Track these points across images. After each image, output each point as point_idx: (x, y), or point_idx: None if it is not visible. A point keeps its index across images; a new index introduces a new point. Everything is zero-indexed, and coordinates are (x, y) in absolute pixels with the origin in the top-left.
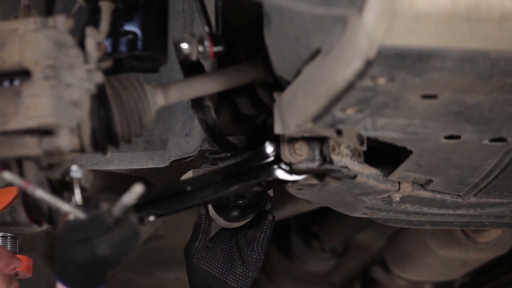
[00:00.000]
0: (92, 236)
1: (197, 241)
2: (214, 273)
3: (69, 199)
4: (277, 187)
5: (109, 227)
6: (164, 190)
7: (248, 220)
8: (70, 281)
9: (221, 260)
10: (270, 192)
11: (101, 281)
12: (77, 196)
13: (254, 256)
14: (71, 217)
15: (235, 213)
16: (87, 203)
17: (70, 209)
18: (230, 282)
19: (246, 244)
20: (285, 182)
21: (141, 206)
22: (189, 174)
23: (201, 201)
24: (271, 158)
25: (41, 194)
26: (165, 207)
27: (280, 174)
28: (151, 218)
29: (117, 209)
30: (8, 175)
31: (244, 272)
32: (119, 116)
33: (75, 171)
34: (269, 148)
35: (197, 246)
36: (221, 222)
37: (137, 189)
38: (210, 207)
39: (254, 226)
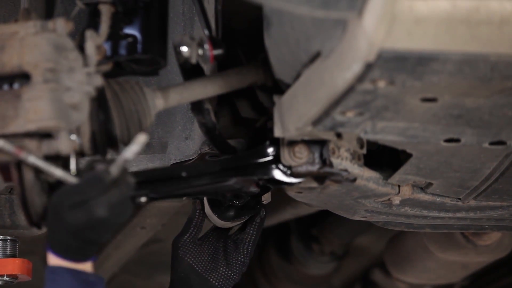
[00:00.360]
0: (89, 197)
1: (186, 234)
2: (197, 268)
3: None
4: (275, 190)
5: (106, 187)
6: (159, 173)
7: (242, 222)
8: (62, 250)
9: (206, 257)
10: (268, 198)
11: (94, 249)
12: (72, 164)
13: (239, 259)
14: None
15: (230, 213)
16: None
17: (63, 175)
18: (211, 280)
19: (233, 246)
20: (282, 183)
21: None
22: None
23: (195, 189)
24: (270, 157)
25: (34, 160)
26: (158, 190)
27: (277, 174)
28: (143, 199)
29: (115, 168)
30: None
31: (226, 273)
32: (119, 119)
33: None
34: (270, 147)
35: (185, 240)
36: (215, 220)
37: (141, 139)
38: (206, 204)
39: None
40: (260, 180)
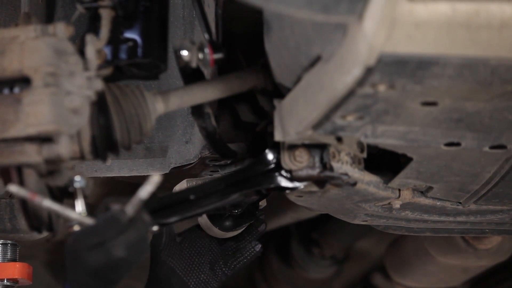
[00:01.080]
0: (107, 238)
1: (163, 235)
2: (178, 271)
3: (71, 206)
4: (275, 194)
5: (123, 227)
6: (167, 200)
7: (242, 230)
8: None
9: (187, 258)
10: (264, 203)
11: (113, 287)
12: (82, 205)
13: (225, 271)
14: (76, 228)
15: (229, 223)
16: (91, 212)
17: (79, 217)
18: (191, 286)
19: (221, 254)
20: (287, 189)
21: None
22: (182, 184)
23: (204, 209)
24: (272, 165)
25: (49, 204)
26: (169, 216)
27: (282, 181)
28: (155, 228)
29: (130, 207)
30: (14, 188)
31: (207, 281)
32: (119, 123)
33: (79, 181)
34: (270, 155)
35: (164, 241)
36: (215, 232)
37: (155, 179)
38: (204, 216)
39: (242, 239)
40: (264, 190)
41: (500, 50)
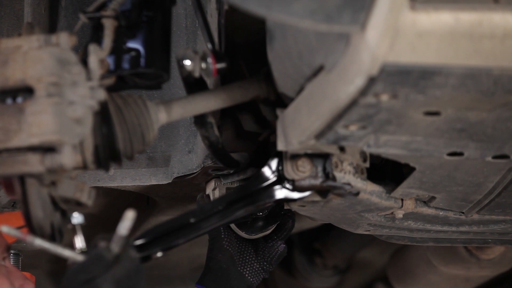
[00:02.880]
0: (95, 275)
1: (220, 226)
2: (236, 260)
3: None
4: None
5: (109, 264)
6: (168, 225)
7: (271, 230)
8: None
9: (242, 249)
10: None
11: None
12: (81, 242)
13: (268, 266)
14: (69, 264)
15: (258, 224)
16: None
17: (71, 254)
18: (246, 275)
19: (261, 253)
20: (291, 200)
21: (147, 244)
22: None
23: (206, 230)
24: (273, 179)
25: (40, 243)
26: (171, 241)
27: (284, 193)
28: (159, 254)
29: (114, 244)
30: (5, 228)
31: (259, 271)
32: (122, 133)
33: (76, 218)
34: (268, 171)
35: (223, 231)
36: (243, 235)
37: (129, 215)
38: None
39: (270, 238)
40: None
41: (503, 60)
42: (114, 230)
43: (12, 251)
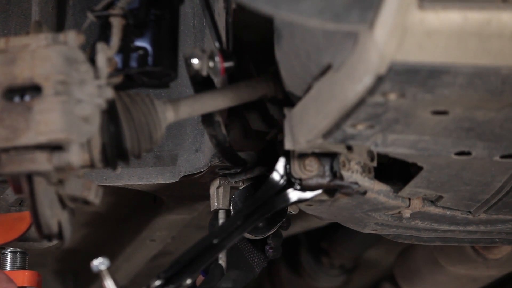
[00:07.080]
0: None
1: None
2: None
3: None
4: None
5: None
6: (193, 252)
7: (275, 229)
8: None
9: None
10: (296, 209)
11: None
12: (112, 285)
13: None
14: None
15: (261, 225)
16: None
17: None
18: (255, 267)
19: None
20: (304, 201)
21: (176, 275)
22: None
23: (230, 246)
24: (283, 184)
25: None
26: (198, 267)
27: (297, 195)
28: (188, 281)
29: None
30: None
31: (261, 258)
32: (129, 131)
33: (101, 263)
34: (277, 176)
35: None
36: (250, 236)
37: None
38: None
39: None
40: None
41: None
42: (118, 229)
43: (18, 250)
